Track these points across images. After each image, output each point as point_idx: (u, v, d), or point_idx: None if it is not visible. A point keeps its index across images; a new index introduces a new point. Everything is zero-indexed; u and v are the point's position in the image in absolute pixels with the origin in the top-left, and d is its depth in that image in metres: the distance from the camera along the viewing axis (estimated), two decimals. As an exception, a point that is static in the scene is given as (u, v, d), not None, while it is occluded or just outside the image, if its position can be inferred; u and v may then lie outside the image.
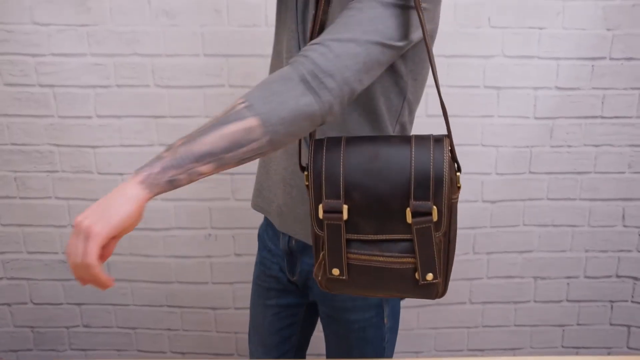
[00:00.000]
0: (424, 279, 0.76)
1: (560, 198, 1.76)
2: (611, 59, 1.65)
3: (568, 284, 1.84)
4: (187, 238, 1.76)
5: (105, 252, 0.64)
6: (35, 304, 1.83)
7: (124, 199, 0.62)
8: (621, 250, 1.81)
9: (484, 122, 1.69)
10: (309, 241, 0.95)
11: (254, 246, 1.60)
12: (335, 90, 0.70)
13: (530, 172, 1.73)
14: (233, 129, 0.67)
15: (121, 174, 1.70)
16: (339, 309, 1.02)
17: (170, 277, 1.80)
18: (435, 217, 0.73)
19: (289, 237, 1.01)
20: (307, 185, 0.78)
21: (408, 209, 0.74)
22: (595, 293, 1.85)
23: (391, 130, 0.90)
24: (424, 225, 0.74)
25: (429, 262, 0.75)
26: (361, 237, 0.77)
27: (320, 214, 0.76)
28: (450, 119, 1.66)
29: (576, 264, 1.82)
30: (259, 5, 1.58)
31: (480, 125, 1.69)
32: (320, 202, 0.76)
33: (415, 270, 0.76)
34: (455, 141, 1.69)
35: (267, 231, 1.10)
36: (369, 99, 0.87)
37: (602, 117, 1.69)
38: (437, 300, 1.83)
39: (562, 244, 1.80)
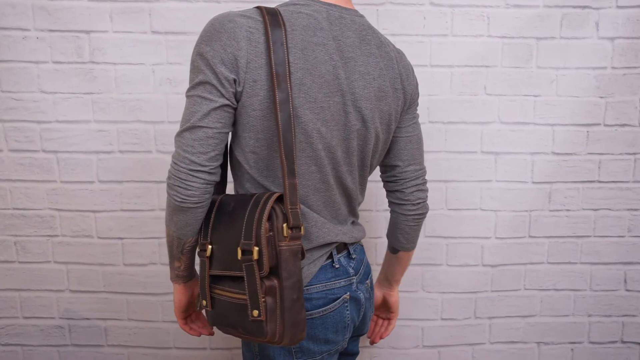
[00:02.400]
0: (252, 314, 0.89)
1: (560, 262, 1.75)
2: (605, 125, 1.68)
3: (572, 349, 1.81)
4: (186, 303, 1.75)
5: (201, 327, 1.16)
6: (29, 370, 1.79)
7: (174, 292, 1.09)
8: (625, 315, 1.79)
9: (482, 187, 1.70)
10: None
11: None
12: (175, 184, 0.90)
13: (530, 236, 1.73)
14: (165, 237, 1.02)
15: (121, 239, 1.70)
16: None
17: (169, 342, 1.77)
18: (255, 255, 0.87)
19: None
20: None
21: (239, 248, 0.90)
22: (600, 359, 1.81)
23: (239, 187, 1.05)
24: (248, 263, 0.88)
25: (254, 298, 0.88)
26: (215, 273, 0.95)
27: (197, 253, 0.99)
28: (448, 184, 1.69)
29: (580, 329, 1.79)
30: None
31: (479, 190, 1.70)
32: (198, 244, 0.99)
33: (247, 306, 0.90)
34: (454, 206, 1.70)
35: None
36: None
37: (600, 182, 1.71)
38: (439, 367, 1.80)
39: (565, 309, 1.78)
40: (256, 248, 0.87)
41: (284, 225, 0.90)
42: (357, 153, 1.06)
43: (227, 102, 0.91)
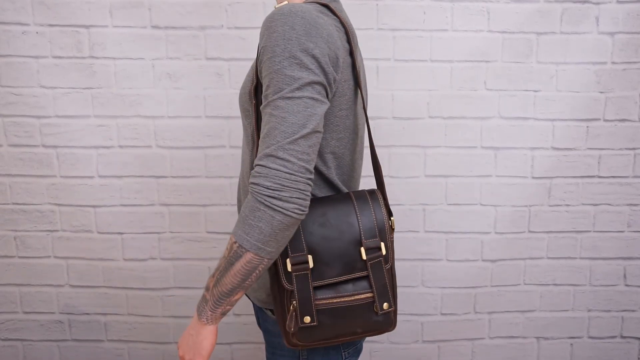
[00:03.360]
0: (382, 308, 0.90)
1: (560, 257, 1.75)
2: (605, 120, 1.68)
3: (572, 344, 1.81)
4: (186, 298, 1.75)
5: None
6: (29, 365, 1.80)
7: (204, 336, 0.90)
8: (625, 310, 1.79)
9: (482, 182, 1.70)
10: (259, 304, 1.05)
11: (252, 306, 1.59)
12: (293, 197, 0.79)
13: (530, 231, 1.73)
14: (238, 267, 0.83)
15: (121, 234, 1.70)
16: None
17: (168, 337, 1.77)
18: (384, 251, 0.89)
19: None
20: None
21: (362, 248, 0.88)
22: (599, 354, 1.81)
23: None
24: (376, 260, 0.89)
25: (384, 292, 0.90)
26: (326, 282, 0.89)
27: (289, 267, 0.87)
28: (448, 179, 1.69)
29: (579, 324, 1.80)
30: (260, 69, 1.62)
31: (479, 185, 1.70)
32: (287, 257, 0.87)
33: (373, 302, 0.90)
34: (454, 201, 1.70)
35: None
36: None
37: (599, 177, 1.71)
38: (439, 362, 1.80)
39: (564, 304, 1.79)
40: (382, 243, 0.89)
41: (392, 218, 0.95)
42: None
43: (329, 103, 0.86)
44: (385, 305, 0.90)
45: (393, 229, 0.94)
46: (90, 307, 1.75)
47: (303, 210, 0.81)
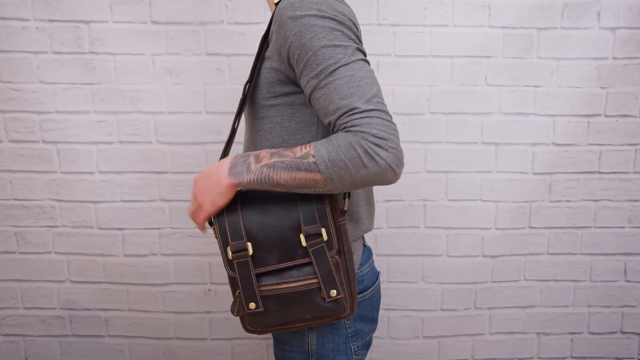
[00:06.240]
0: (329, 296, 0.88)
1: (560, 253, 1.75)
2: (606, 115, 1.68)
3: (572, 340, 1.81)
4: (187, 293, 1.75)
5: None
6: (30, 360, 1.80)
7: (222, 190, 0.88)
8: (625, 306, 1.79)
9: (483, 178, 1.70)
10: None
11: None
12: (395, 147, 0.78)
13: (530, 227, 1.73)
14: (302, 176, 0.82)
15: (121, 229, 1.70)
16: None
17: (169, 332, 1.78)
18: (325, 237, 0.87)
19: None
20: (216, 237, 0.91)
21: (301, 235, 0.87)
22: (599, 350, 1.82)
23: None
24: (317, 246, 0.87)
25: (329, 279, 0.87)
26: (268, 269, 0.88)
27: (230, 255, 0.88)
28: (449, 175, 1.69)
29: (579, 320, 1.80)
30: (260, 64, 1.62)
31: (479, 181, 1.70)
32: (228, 245, 0.88)
33: (320, 289, 0.88)
34: (454, 197, 1.70)
35: None
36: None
37: (600, 173, 1.71)
38: (438, 356, 1.81)
39: (565, 299, 1.79)
40: (323, 229, 0.87)
41: (346, 199, 0.93)
42: None
43: None
44: (332, 292, 0.88)
45: (344, 212, 0.91)
46: (91, 302, 1.75)
47: (399, 166, 0.79)
